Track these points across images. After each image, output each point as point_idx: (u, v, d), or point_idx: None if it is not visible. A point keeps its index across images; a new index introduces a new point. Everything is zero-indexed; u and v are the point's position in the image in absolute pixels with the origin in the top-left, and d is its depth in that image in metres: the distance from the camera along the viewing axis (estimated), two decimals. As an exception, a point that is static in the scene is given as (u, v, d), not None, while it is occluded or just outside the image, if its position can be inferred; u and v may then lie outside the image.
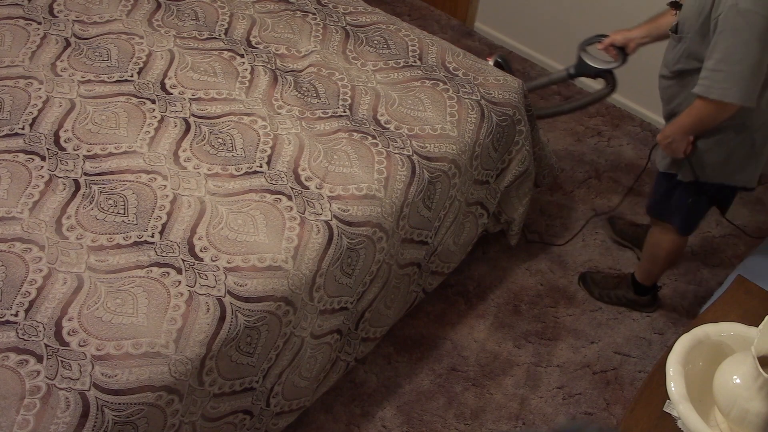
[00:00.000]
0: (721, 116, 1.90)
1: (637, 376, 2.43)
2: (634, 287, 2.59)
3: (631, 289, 2.60)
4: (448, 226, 2.29)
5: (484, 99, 2.30)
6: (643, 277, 2.54)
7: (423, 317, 2.52)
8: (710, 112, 1.90)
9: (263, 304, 1.76)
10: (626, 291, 2.61)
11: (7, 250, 1.75)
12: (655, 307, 2.64)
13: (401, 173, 2.07)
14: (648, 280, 2.55)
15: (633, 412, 1.54)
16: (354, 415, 2.25)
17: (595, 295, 2.65)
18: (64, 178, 1.93)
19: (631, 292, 2.60)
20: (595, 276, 2.68)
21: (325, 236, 1.89)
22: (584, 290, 2.68)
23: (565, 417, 2.32)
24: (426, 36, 2.53)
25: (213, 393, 1.76)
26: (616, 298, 2.63)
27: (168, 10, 2.49)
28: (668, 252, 2.38)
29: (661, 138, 2.08)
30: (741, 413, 1.39)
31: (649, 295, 2.60)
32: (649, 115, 3.26)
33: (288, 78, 2.31)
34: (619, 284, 2.63)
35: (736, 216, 2.99)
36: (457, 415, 2.28)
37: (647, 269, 2.51)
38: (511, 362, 2.43)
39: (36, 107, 2.10)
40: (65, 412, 1.51)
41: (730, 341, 1.54)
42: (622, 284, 2.62)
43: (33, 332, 1.61)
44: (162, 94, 2.20)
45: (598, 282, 2.66)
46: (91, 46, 2.32)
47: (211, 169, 2.00)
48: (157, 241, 1.81)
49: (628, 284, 2.60)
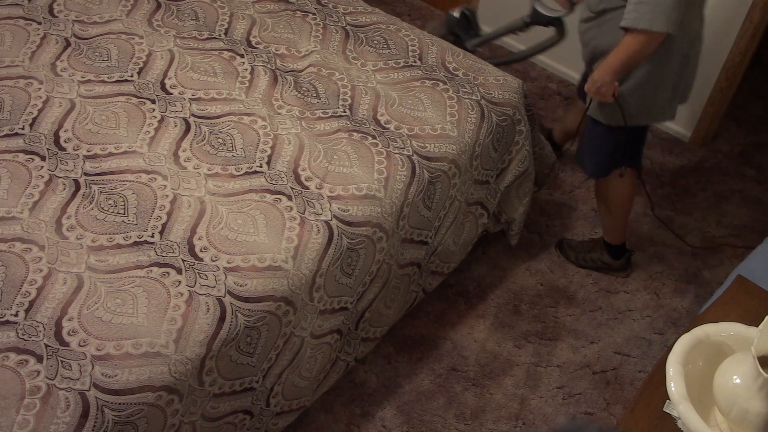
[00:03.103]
0: (649, 49, 2.00)
1: (637, 376, 2.43)
2: (608, 250, 2.68)
3: (605, 251, 2.69)
4: (448, 226, 2.29)
5: (484, 99, 2.30)
6: (611, 235, 2.64)
7: (423, 317, 2.52)
8: (639, 45, 1.99)
9: (263, 304, 1.76)
10: (600, 254, 2.70)
11: (7, 250, 1.75)
12: (629, 271, 2.74)
13: (401, 173, 2.07)
14: (616, 237, 2.64)
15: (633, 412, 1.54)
16: (354, 415, 2.25)
17: (572, 259, 2.75)
18: (64, 178, 1.93)
19: (605, 255, 2.69)
20: (571, 242, 2.78)
21: (325, 236, 1.89)
22: (560, 256, 2.77)
23: (565, 417, 2.32)
24: (426, 36, 2.53)
25: (213, 393, 1.76)
26: (591, 261, 2.72)
27: (168, 10, 2.49)
28: (620, 198, 2.50)
29: (590, 84, 2.15)
30: (741, 413, 1.39)
31: (623, 259, 2.69)
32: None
33: (288, 78, 2.31)
34: (593, 248, 2.72)
35: (736, 216, 2.99)
36: (457, 415, 2.28)
37: (610, 226, 2.62)
38: (511, 362, 2.43)
39: (36, 107, 2.10)
40: (65, 412, 1.51)
41: (730, 341, 1.54)
42: (596, 247, 2.71)
43: (33, 332, 1.61)
44: (162, 94, 2.20)
45: (574, 246, 2.76)
46: (91, 46, 2.32)
47: (211, 169, 2.00)
48: (157, 241, 1.81)
49: (602, 247, 2.69)
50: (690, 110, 3.22)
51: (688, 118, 3.25)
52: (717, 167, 3.21)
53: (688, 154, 3.25)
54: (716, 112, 3.17)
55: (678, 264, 2.79)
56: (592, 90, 2.14)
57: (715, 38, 2.98)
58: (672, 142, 3.29)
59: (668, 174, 3.13)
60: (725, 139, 3.34)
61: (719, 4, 2.90)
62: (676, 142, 3.29)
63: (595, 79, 2.12)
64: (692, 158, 3.23)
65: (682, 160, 3.22)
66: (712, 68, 3.05)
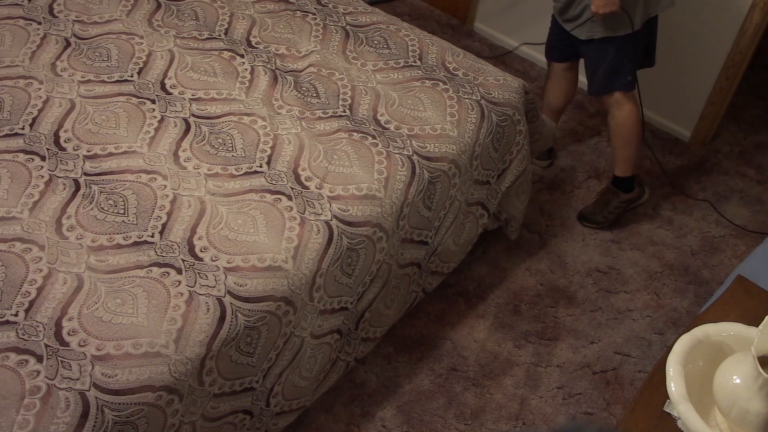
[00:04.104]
0: None
1: (637, 376, 2.43)
2: (622, 189, 2.76)
3: (620, 192, 2.77)
4: (448, 226, 2.29)
5: (484, 99, 2.30)
6: (624, 167, 2.72)
7: (423, 317, 2.52)
8: None
9: (263, 304, 1.76)
10: (617, 197, 2.78)
11: (7, 250, 1.75)
12: (648, 193, 2.84)
13: (401, 173, 2.07)
14: (629, 168, 2.72)
15: (633, 412, 1.54)
16: (354, 415, 2.25)
17: (601, 221, 2.82)
18: (64, 178, 1.93)
19: (622, 195, 2.77)
20: (588, 209, 2.85)
21: (325, 236, 1.89)
22: (590, 226, 2.83)
23: (565, 417, 2.31)
24: (426, 36, 2.53)
25: (213, 393, 1.76)
26: (616, 209, 2.80)
27: (168, 10, 2.49)
28: (632, 123, 2.60)
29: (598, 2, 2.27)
30: (741, 413, 1.39)
31: (636, 187, 2.78)
32: (648, 114, 3.26)
33: (288, 78, 2.31)
34: (609, 198, 2.80)
35: (736, 216, 2.99)
36: (457, 415, 2.28)
37: (624, 156, 2.69)
38: (511, 362, 2.43)
39: (36, 107, 2.10)
40: (65, 412, 1.51)
41: (730, 341, 1.54)
42: (611, 196, 2.79)
43: (33, 332, 1.61)
44: (162, 94, 2.20)
45: (594, 211, 2.83)
46: (91, 46, 2.32)
47: (211, 169, 2.00)
48: (157, 241, 1.81)
49: (614, 192, 2.77)
50: (690, 110, 3.22)
51: (688, 118, 3.25)
52: (717, 167, 3.21)
53: (688, 154, 3.25)
54: (716, 112, 3.17)
55: (678, 264, 2.79)
56: (601, 5, 2.26)
57: (715, 38, 2.98)
58: (672, 142, 3.29)
59: (668, 174, 3.13)
60: (725, 139, 3.34)
61: (719, 4, 2.90)
62: (676, 142, 3.29)
63: None
64: (692, 158, 3.23)
65: (682, 160, 3.22)
66: (712, 68, 3.05)
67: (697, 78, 3.11)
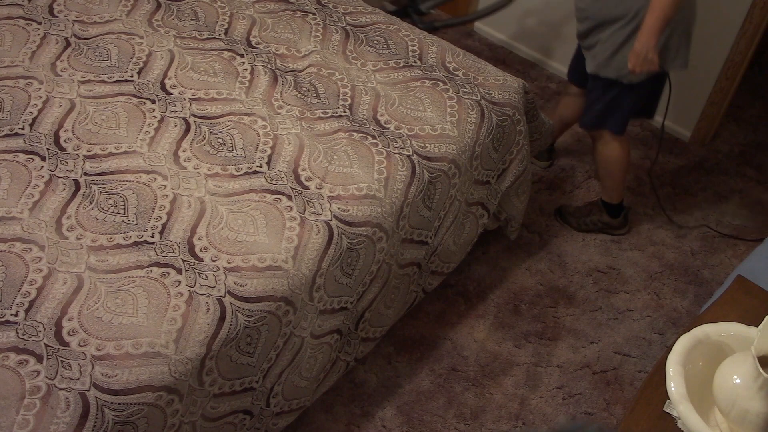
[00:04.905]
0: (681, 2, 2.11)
1: (637, 376, 2.43)
2: (606, 211, 2.78)
3: (604, 212, 2.79)
4: (448, 226, 2.29)
5: (484, 99, 2.30)
6: (609, 195, 2.75)
7: (423, 317, 2.52)
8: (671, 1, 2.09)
9: (263, 304, 1.76)
10: (600, 215, 2.80)
11: (7, 250, 1.75)
12: (628, 228, 2.84)
13: (401, 173, 2.07)
14: (615, 197, 2.75)
15: (633, 412, 1.54)
16: (354, 415, 2.25)
17: (573, 225, 2.84)
18: (64, 178, 1.93)
19: (605, 215, 2.79)
20: (569, 208, 2.87)
21: (325, 236, 1.89)
22: (562, 224, 2.86)
23: (565, 417, 2.32)
24: (426, 36, 2.53)
25: (213, 393, 1.76)
26: (592, 224, 2.82)
27: (168, 10, 2.49)
28: (616, 161, 2.61)
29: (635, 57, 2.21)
30: (741, 413, 1.39)
31: (621, 216, 2.79)
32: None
33: (288, 78, 2.31)
34: (591, 211, 2.81)
35: (736, 216, 2.99)
36: (457, 415, 2.28)
37: (609, 186, 2.72)
38: (511, 362, 2.43)
39: (36, 107, 2.10)
40: (65, 412, 1.51)
41: (730, 341, 1.54)
42: (595, 210, 2.81)
43: (33, 332, 1.61)
44: (162, 94, 2.20)
45: (573, 213, 2.85)
46: (91, 46, 2.32)
47: (211, 169, 2.00)
48: (157, 241, 1.81)
49: (600, 209, 2.79)
50: (690, 110, 3.22)
51: (688, 118, 3.25)
52: (717, 167, 3.21)
53: (688, 154, 3.25)
54: (716, 112, 3.17)
55: (678, 264, 2.79)
56: (639, 61, 2.21)
57: (715, 38, 2.98)
58: (672, 142, 3.29)
59: (668, 174, 3.13)
60: (725, 139, 3.34)
61: (719, 4, 2.90)
62: (676, 142, 3.29)
63: (639, 49, 2.18)
64: (692, 158, 3.23)
65: (682, 160, 3.22)
66: (712, 68, 3.05)
67: (697, 78, 3.11)
